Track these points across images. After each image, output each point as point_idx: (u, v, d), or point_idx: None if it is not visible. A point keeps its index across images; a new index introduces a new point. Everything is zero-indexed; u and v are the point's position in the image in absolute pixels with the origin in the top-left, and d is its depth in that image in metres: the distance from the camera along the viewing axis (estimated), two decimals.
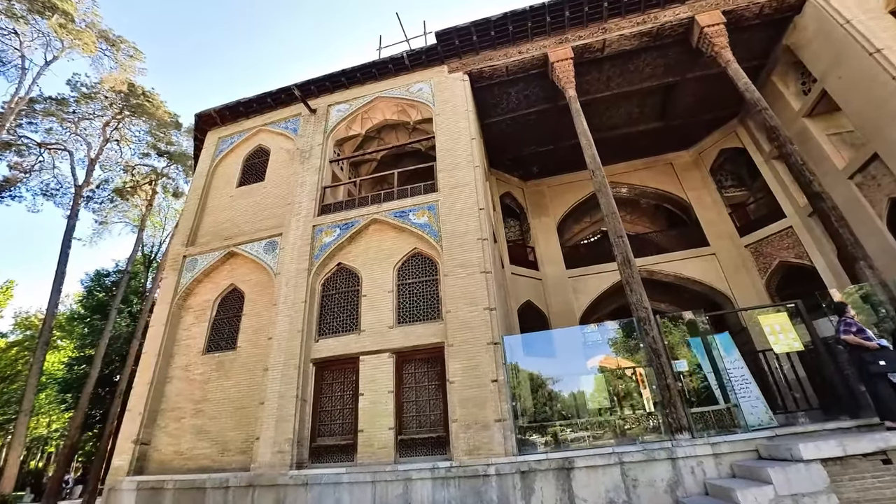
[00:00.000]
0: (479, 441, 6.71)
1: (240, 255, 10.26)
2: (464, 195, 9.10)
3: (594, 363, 8.10)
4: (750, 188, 14.12)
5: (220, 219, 11.11)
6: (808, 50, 10.03)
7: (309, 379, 8.36)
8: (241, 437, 8.24)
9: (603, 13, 10.48)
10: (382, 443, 7.38)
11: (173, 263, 10.53)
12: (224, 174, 12.00)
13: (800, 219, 11.46)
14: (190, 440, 8.51)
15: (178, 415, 8.87)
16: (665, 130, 13.92)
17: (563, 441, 6.94)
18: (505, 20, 10.75)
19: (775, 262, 11.85)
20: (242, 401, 8.58)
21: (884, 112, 8.41)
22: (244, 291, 9.95)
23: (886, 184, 8.79)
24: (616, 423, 6.95)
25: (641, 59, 11.38)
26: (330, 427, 8.00)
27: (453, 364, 7.41)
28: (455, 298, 7.99)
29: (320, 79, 11.90)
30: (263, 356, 8.74)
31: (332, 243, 9.52)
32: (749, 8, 9.99)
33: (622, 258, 7.92)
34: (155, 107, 19.68)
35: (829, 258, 10.66)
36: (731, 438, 6.00)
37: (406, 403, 7.80)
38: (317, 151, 11.07)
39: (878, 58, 8.37)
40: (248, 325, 9.46)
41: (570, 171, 15.34)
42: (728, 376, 7.03)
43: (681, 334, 7.81)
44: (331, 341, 8.64)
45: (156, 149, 20.62)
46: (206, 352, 9.44)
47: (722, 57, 9.60)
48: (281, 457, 7.47)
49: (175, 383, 9.26)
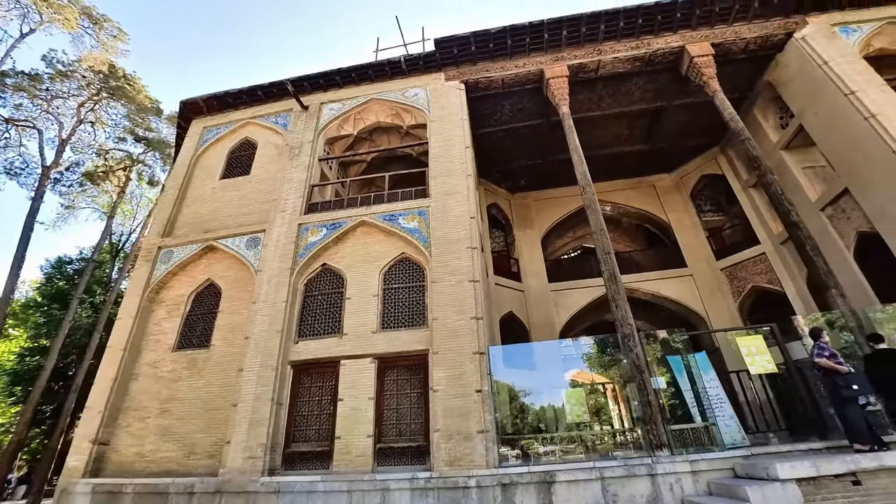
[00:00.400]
0: (460, 452, 6.60)
1: (219, 250, 9.89)
2: (456, 203, 9.08)
3: (572, 377, 8.20)
4: (727, 214, 14.69)
5: (200, 211, 10.71)
6: (788, 87, 10.57)
7: (286, 382, 8.08)
8: (210, 439, 7.85)
9: (599, 35, 10.77)
10: (360, 451, 7.17)
11: (147, 254, 10.05)
12: (207, 165, 11.60)
13: (773, 246, 11.97)
14: (154, 441, 8.05)
15: (143, 414, 8.39)
16: (650, 153, 14.36)
17: (543, 454, 6.94)
18: (504, 34, 10.89)
19: (749, 287, 12.32)
20: (214, 402, 8.20)
21: (856, 150, 8.92)
22: (221, 287, 9.57)
23: (855, 218, 9.29)
24: (595, 438, 7.01)
25: (633, 83, 11.74)
26: (305, 433, 7.73)
27: (438, 372, 7.30)
28: (442, 306, 7.91)
29: (314, 76, 11.73)
30: (239, 356, 8.40)
31: (318, 243, 9.31)
32: (736, 43, 10.47)
33: (609, 274, 8.04)
34: (136, 91, 18.89)
35: (799, 285, 11.16)
36: (708, 456, 6.11)
37: (387, 411, 7.63)
38: (307, 149, 10.86)
39: (853, 99, 8.89)
40: (224, 323, 9.09)
41: (556, 186, 15.58)
42: (705, 395, 7.22)
43: (658, 351, 7.97)
44: (311, 343, 8.39)
45: (133, 134, 19.73)
46: (177, 348, 9.01)
47: (710, 87, 10.00)
48: (252, 462, 7.15)
49: (141, 380, 8.78)
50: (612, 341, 9.11)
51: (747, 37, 10.36)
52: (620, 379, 9.79)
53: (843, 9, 10.24)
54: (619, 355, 9.04)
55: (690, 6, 10.31)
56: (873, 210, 8.78)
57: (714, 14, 10.41)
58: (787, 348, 7.22)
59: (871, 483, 4.85)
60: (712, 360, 7.93)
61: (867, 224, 9.00)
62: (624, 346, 7.31)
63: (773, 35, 10.33)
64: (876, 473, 4.92)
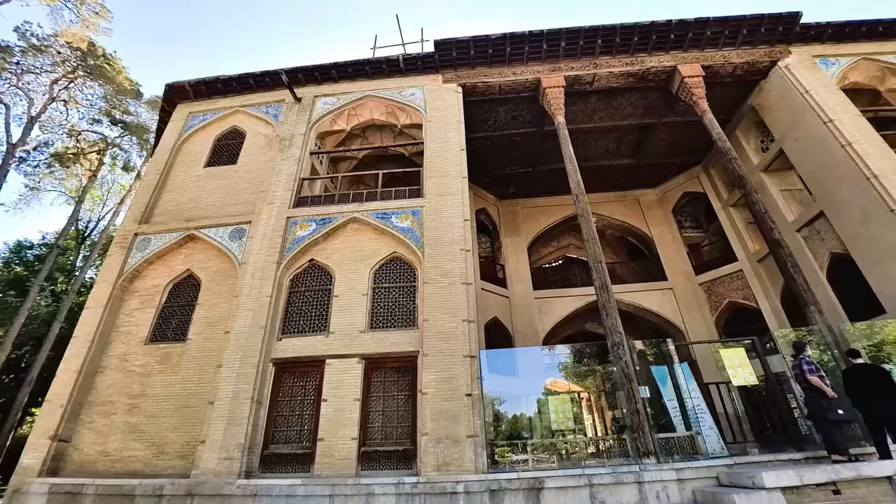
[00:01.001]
0: (449, 456, 6.47)
1: (200, 240, 9.48)
2: (451, 204, 9.02)
3: (548, 385, 8.24)
4: (706, 231, 15.20)
5: (181, 198, 10.25)
6: (771, 112, 11.07)
7: (267, 380, 7.76)
8: (182, 439, 7.43)
9: (596, 49, 11.01)
10: (344, 454, 6.93)
11: (122, 240, 9.52)
12: (191, 151, 11.14)
13: (750, 264, 12.44)
14: (120, 439, 7.56)
15: (109, 410, 7.88)
16: (636, 168, 14.73)
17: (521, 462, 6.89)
18: (503, 40, 10.98)
19: (725, 302, 12.74)
20: (188, 399, 7.79)
21: (832, 175, 9.39)
22: (201, 279, 9.16)
23: (829, 240, 9.75)
24: (575, 445, 7.03)
25: (625, 98, 12.03)
26: (286, 434, 7.42)
27: (427, 375, 7.16)
28: (434, 307, 7.80)
29: (309, 68, 11.49)
30: (217, 351, 8.03)
31: (307, 238, 9.05)
32: (725, 66, 10.90)
33: (601, 283, 8.12)
34: (115, 71, 17.98)
35: (773, 302, 11.61)
36: (694, 465, 6.20)
37: (372, 413, 7.42)
38: (298, 141, 10.59)
39: (831, 126, 9.38)
40: (202, 317, 8.67)
41: (544, 195, 15.79)
42: (688, 404, 7.36)
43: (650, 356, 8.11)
44: (295, 341, 8.10)
45: (109, 116, 18.73)
46: (150, 341, 8.53)
47: (699, 106, 10.34)
48: (229, 464, 6.80)
49: (109, 374, 8.25)
50: (588, 351, 9.33)
51: (735, 62, 10.81)
52: (595, 389, 9.99)
53: (824, 42, 10.83)
54: (596, 365, 9.30)
55: (684, 28, 10.68)
56: (846, 233, 9.24)
57: (705, 38, 10.81)
58: (767, 361, 7.45)
59: (850, 492, 5.03)
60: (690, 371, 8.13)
61: (840, 246, 9.46)
62: (614, 354, 7.37)
63: (759, 62, 10.81)
64: (854, 483, 5.10)
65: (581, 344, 9.60)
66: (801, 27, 10.65)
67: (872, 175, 8.59)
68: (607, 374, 8.72)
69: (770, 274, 11.79)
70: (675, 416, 7.36)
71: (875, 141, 9.05)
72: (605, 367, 8.72)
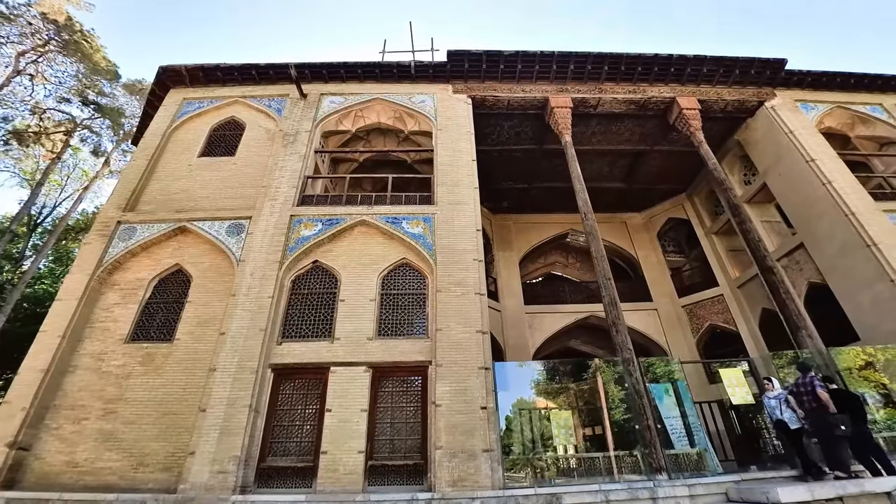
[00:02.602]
0: (465, 471, 6.24)
1: (193, 233, 8.86)
2: (463, 213, 8.97)
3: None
4: (687, 256, 15.94)
5: (172, 188, 9.57)
6: (756, 147, 11.87)
7: (265, 387, 7.24)
8: (166, 449, 6.75)
9: (602, 75, 11.45)
10: (350, 468, 6.52)
11: (103, 228, 8.72)
12: (184, 139, 10.49)
13: (730, 289, 13.12)
14: (92, 448, 6.76)
15: (79, 414, 7.05)
16: (626, 192, 15.31)
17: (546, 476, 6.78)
18: (515, 58, 11.21)
19: (706, 324, 13.32)
20: (174, 405, 7.12)
21: (813, 210, 10.12)
22: (192, 275, 8.52)
23: (808, 269, 10.45)
24: (598, 460, 7.00)
25: (623, 124, 12.54)
26: (285, 446, 6.91)
27: (441, 386, 6.94)
28: (447, 317, 7.63)
29: (317, 65, 11.21)
30: (209, 354, 7.45)
31: (311, 238, 8.67)
32: (717, 102, 11.63)
33: (609, 299, 8.26)
34: (93, 49, 16.71)
35: (752, 326, 12.26)
36: (704, 481, 6.31)
37: (380, 425, 7.07)
38: (303, 138, 10.23)
39: (813, 165, 10.15)
40: (192, 315, 8.03)
41: (537, 212, 16.04)
42: (688, 422, 7.55)
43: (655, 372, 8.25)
44: (297, 346, 7.65)
45: (82, 96, 17.30)
46: (131, 340, 7.78)
47: (696, 137, 10.92)
48: (222, 478, 6.22)
49: (80, 374, 7.42)
50: (562, 370, 9.51)
51: (727, 98, 11.56)
52: (568, 406, 10.06)
53: (804, 88, 11.83)
54: (570, 383, 9.47)
55: (683, 63, 11.33)
56: (824, 264, 9.94)
57: (701, 74, 11.52)
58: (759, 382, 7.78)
59: None
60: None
61: (818, 276, 10.15)
62: (625, 370, 7.45)
63: (748, 100, 11.61)
64: (858, 498, 5.35)
65: (581, 359, 9.65)
66: (785, 73, 11.58)
67: (850, 213, 9.32)
68: (581, 391, 8.81)
69: (749, 300, 12.47)
70: (672, 432, 7.51)
71: (851, 182, 9.87)
72: (579, 384, 8.92)
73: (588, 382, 9.12)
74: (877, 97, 11.84)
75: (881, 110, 11.62)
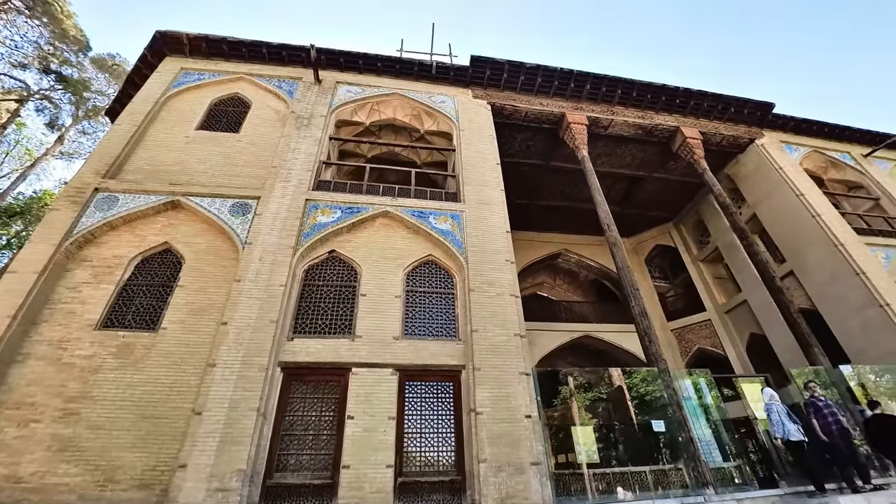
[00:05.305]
0: (513, 488, 5.54)
1: (187, 209, 7.72)
2: (493, 213, 8.61)
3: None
4: (672, 282, 16.50)
5: (164, 158, 8.38)
6: (746, 181, 12.68)
7: (274, 388, 6.18)
8: (144, 461, 5.44)
9: (615, 98, 11.85)
10: (377, 485, 5.59)
11: (76, 194, 7.34)
12: (180, 109, 9.35)
13: (717, 314, 13.61)
14: (43, 459, 5.29)
15: (28, 415, 5.56)
16: (619, 216, 15.57)
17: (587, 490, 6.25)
18: (536, 71, 11.33)
19: (695, 348, 13.65)
20: (157, 407, 5.84)
21: (803, 240, 10.80)
22: (184, 256, 7.33)
23: (798, 296, 11.03)
24: (644, 474, 6.59)
25: (627, 148, 12.97)
26: (298, 459, 5.84)
27: (481, 392, 6.27)
28: (483, 318, 7.05)
29: (335, 52, 10.65)
30: (206, 347, 6.30)
31: (329, 225, 7.84)
32: (715, 136, 12.38)
33: (639, 310, 8.11)
34: (63, 14, 14.81)
35: (739, 350, 12.69)
36: (751, 495, 6.09)
37: (408, 435, 6.20)
38: (318, 122, 9.50)
39: (802, 199, 10.92)
40: (183, 302, 6.82)
41: (533, 230, 16.04)
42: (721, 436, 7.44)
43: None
44: (312, 343, 6.68)
45: (44, 63, 15.09)
46: (103, 326, 6.41)
47: (699, 165, 11.46)
48: (223, 497, 5.05)
49: (33, 365, 5.93)
50: (584, 381, 9.34)
51: (724, 133, 12.35)
52: (596, 416, 9.90)
53: (787, 132, 12.94)
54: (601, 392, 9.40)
55: (687, 96, 12.03)
56: (814, 290, 10.54)
57: (702, 108, 12.27)
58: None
59: None
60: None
61: (808, 301, 10.73)
62: (663, 380, 7.21)
63: (741, 137, 12.48)
64: None
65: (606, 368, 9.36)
66: (773, 115, 12.64)
67: (840, 243, 10.03)
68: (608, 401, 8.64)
69: (737, 325, 12.97)
70: (703, 445, 7.34)
71: (837, 216, 10.70)
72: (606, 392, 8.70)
73: (616, 392, 8.86)
74: (846, 146, 13.21)
75: (850, 157, 12.94)
